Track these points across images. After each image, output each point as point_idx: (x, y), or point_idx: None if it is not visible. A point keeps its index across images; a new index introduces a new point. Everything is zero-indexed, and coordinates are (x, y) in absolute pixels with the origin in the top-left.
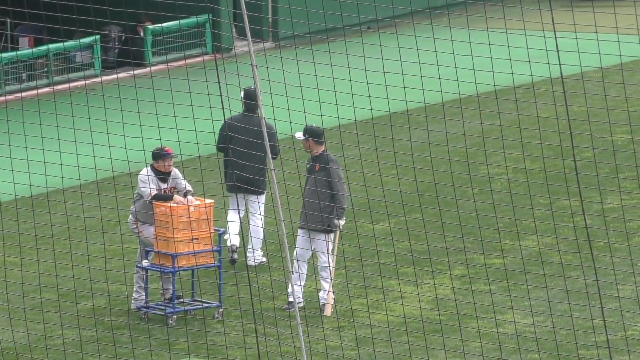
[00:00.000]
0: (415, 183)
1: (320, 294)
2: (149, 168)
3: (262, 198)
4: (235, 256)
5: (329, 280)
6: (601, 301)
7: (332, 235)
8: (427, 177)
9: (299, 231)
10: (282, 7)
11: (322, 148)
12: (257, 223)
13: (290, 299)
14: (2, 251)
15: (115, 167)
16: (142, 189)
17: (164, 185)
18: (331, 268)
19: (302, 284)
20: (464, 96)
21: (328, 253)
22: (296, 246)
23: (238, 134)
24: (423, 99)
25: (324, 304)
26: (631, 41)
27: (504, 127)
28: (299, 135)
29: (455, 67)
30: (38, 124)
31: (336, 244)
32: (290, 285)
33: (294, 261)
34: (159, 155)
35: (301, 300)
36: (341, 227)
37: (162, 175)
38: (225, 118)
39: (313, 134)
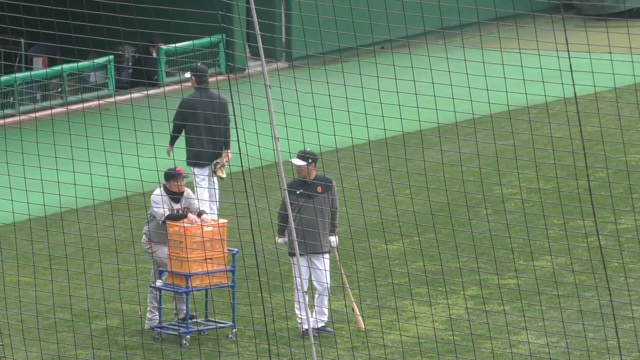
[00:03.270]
0: (428, 203)
1: (321, 317)
2: (161, 188)
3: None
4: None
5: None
6: (615, 322)
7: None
8: (440, 197)
9: (300, 260)
10: (295, 27)
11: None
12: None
13: (306, 326)
14: (16, 271)
15: (128, 187)
16: (155, 210)
17: (176, 206)
18: (347, 286)
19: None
20: (477, 116)
21: (326, 271)
22: (300, 277)
23: (198, 110)
24: (437, 119)
25: (322, 327)
26: None
27: (518, 147)
28: (299, 161)
29: (469, 87)
30: (52, 144)
31: (340, 261)
32: (300, 312)
33: (296, 291)
34: (171, 175)
35: (313, 319)
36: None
37: (175, 196)
38: (183, 97)
39: (315, 157)
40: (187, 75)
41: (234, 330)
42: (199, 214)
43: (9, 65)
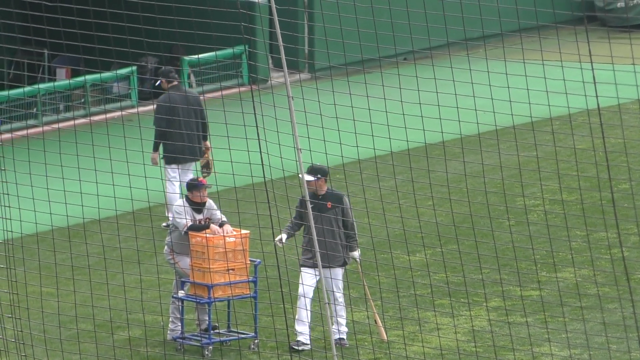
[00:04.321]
0: (451, 214)
1: (335, 327)
2: (183, 199)
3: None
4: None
5: (344, 315)
6: (639, 334)
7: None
8: (463, 209)
9: (307, 269)
10: (318, 38)
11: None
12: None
13: (299, 339)
14: (38, 282)
15: (151, 198)
16: (178, 220)
17: (198, 216)
18: (369, 297)
19: (309, 321)
20: (500, 128)
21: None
22: (304, 283)
23: (178, 109)
24: (459, 130)
25: (340, 338)
26: None
27: (541, 159)
28: (308, 177)
29: (492, 99)
30: (75, 154)
31: (362, 273)
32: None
33: (302, 298)
34: (194, 186)
35: (308, 343)
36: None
37: (197, 206)
38: (159, 99)
39: (324, 172)
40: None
41: (256, 341)
42: (221, 224)
43: (33, 76)
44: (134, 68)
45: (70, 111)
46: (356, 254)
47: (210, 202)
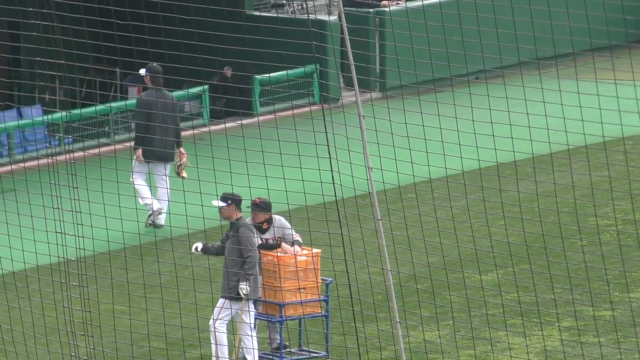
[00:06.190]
0: (523, 234)
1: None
2: (250, 219)
3: (169, 167)
4: (162, 221)
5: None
6: None
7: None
8: (535, 228)
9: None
10: (389, 57)
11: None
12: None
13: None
14: (111, 299)
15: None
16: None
17: (264, 236)
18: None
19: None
20: (572, 147)
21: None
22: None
23: (155, 109)
24: (531, 149)
25: None
26: None
27: (613, 179)
28: (218, 202)
29: (564, 118)
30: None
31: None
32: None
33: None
34: (255, 206)
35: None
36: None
37: (259, 226)
38: (141, 95)
39: (236, 200)
40: (142, 72)
41: None
42: (293, 243)
43: (105, 95)
44: (206, 87)
45: None
46: (243, 286)
47: (281, 221)
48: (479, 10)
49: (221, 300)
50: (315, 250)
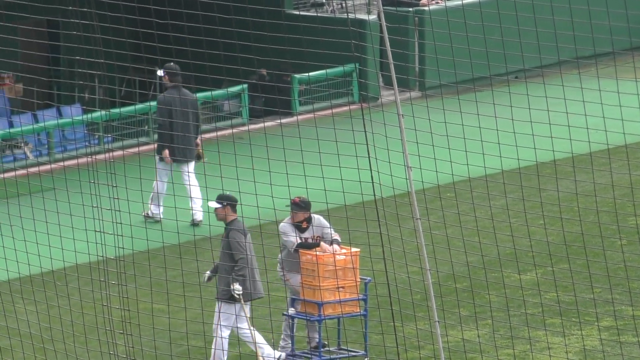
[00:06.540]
0: (562, 233)
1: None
2: (288, 218)
3: (192, 165)
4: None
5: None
6: None
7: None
8: (574, 228)
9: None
10: (428, 56)
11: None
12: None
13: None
14: (149, 298)
15: (261, 215)
16: (285, 239)
17: (303, 235)
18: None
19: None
20: (612, 146)
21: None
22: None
23: (176, 110)
24: (570, 149)
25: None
26: None
27: None
28: (214, 204)
29: (604, 117)
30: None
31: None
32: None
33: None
34: (295, 205)
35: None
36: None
37: (300, 226)
38: (159, 95)
39: (231, 200)
40: (160, 72)
41: (366, 359)
42: (332, 242)
43: (144, 94)
44: (245, 86)
45: None
46: (235, 287)
47: (320, 220)
48: (518, 10)
49: (217, 305)
50: (354, 249)
